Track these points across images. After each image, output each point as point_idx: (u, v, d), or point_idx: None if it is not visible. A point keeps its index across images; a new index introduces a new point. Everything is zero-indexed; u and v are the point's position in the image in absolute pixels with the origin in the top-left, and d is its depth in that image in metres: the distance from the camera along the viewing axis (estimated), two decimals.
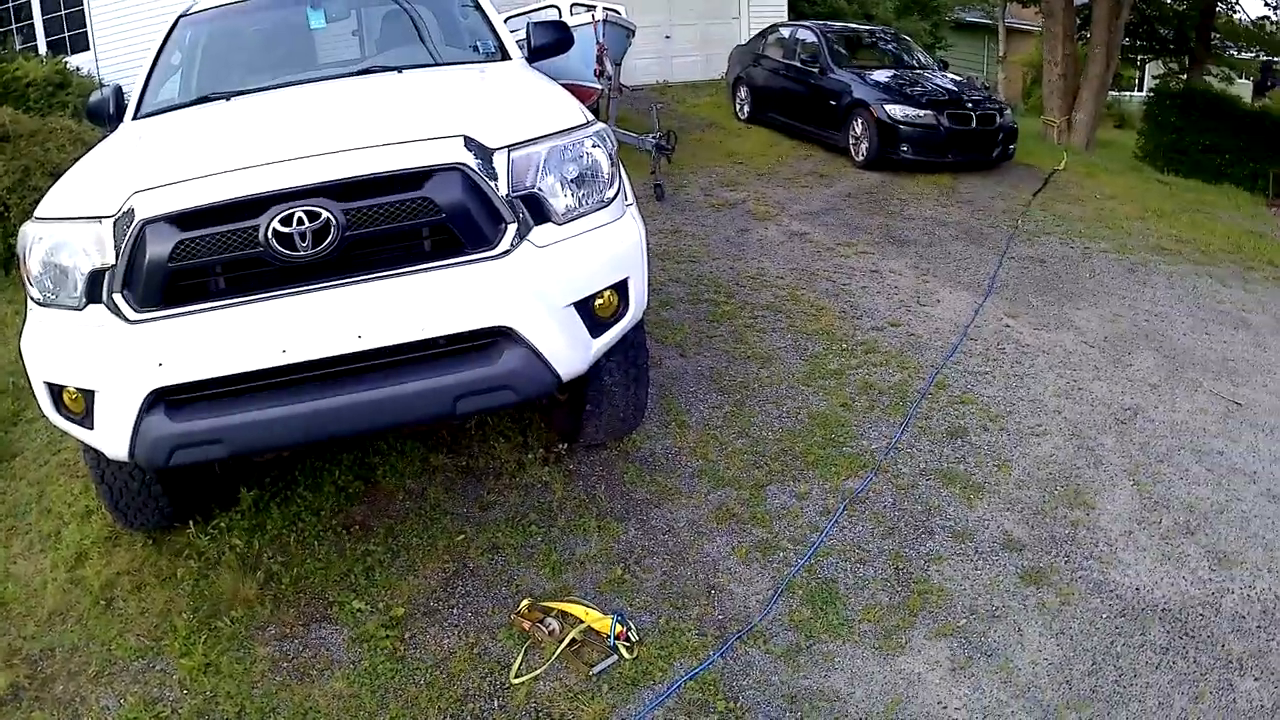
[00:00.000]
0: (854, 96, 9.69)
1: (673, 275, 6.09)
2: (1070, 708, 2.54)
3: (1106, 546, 3.25)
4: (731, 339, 5.00)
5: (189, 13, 4.39)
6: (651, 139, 8.39)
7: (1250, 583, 3.07)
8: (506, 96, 3.32)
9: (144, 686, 2.73)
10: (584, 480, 3.62)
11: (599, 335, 2.89)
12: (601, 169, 2.90)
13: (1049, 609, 2.93)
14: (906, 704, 2.56)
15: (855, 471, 3.70)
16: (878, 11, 19.77)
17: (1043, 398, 4.37)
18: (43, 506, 3.70)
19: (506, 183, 2.69)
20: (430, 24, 4.39)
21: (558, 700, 2.57)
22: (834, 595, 2.99)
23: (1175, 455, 3.86)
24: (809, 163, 9.88)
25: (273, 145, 2.67)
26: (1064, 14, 14.30)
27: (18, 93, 9.01)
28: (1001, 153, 9.69)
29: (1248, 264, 6.83)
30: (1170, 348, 5.04)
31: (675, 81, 15.50)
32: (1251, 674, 2.67)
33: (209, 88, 3.74)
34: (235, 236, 2.49)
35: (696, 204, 8.14)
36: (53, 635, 2.98)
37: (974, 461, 3.79)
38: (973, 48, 27.22)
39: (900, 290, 5.90)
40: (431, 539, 3.27)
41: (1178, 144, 15.03)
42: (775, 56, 11.53)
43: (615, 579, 3.06)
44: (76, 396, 2.63)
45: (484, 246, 2.65)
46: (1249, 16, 20.16)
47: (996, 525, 3.36)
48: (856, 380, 4.52)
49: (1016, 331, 5.22)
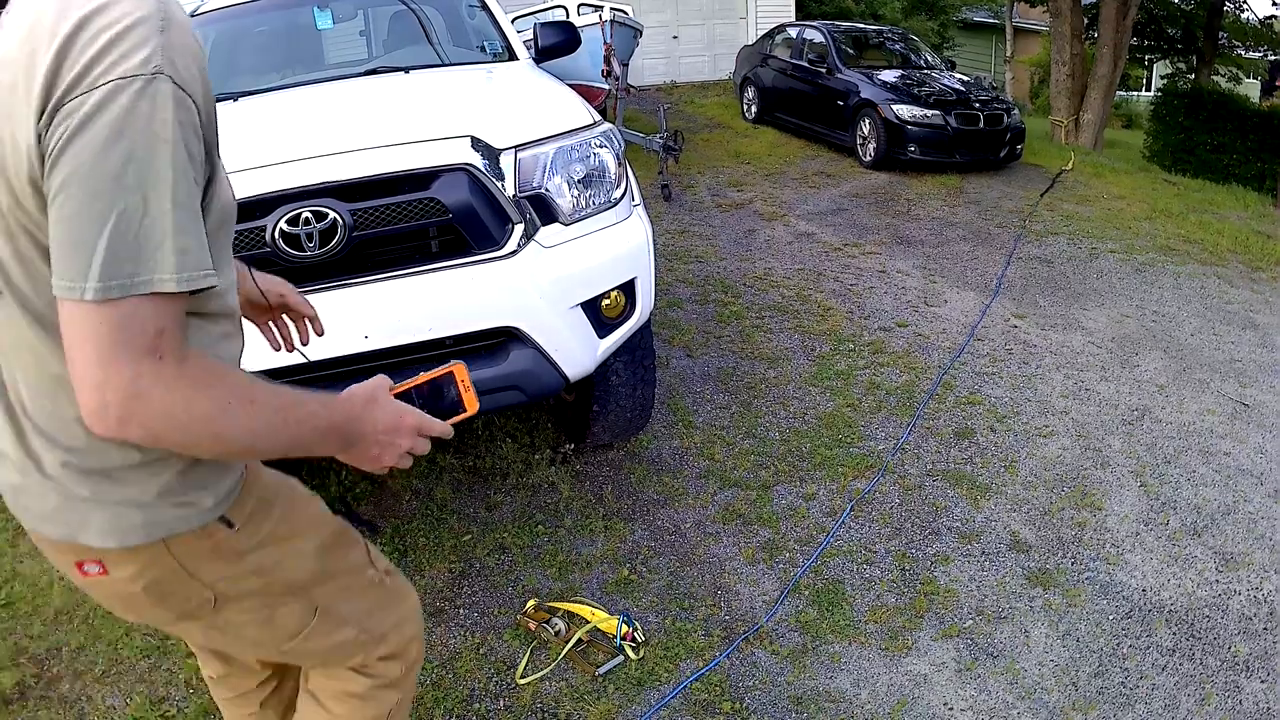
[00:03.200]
0: (861, 96, 9.70)
1: (680, 275, 6.09)
2: (1076, 709, 2.54)
3: (1113, 548, 3.24)
4: (739, 339, 5.00)
5: (195, 13, 4.39)
6: (659, 139, 8.39)
7: (1257, 584, 3.06)
8: (513, 97, 3.33)
9: (150, 686, 2.74)
10: (591, 481, 3.62)
11: (606, 335, 2.89)
12: (608, 169, 2.90)
13: (1055, 610, 2.93)
14: (912, 705, 2.55)
15: (862, 472, 3.70)
16: (885, 11, 19.78)
17: (1050, 398, 4.36)
18: None
19: (513, 183, 2.69)
20: (437, 24, 4.39)
21: (563, 700, 2.57)
22: (840, 596, 2.99)
23: (1182, 456, 3.85)
24: (816, 163, 9.88)
25: (280, 145, 2.68)
26: (1071, 14, 14.27)
27: None
28: (1009, 153, 9.69)
29: (1255, 264, 6.81)
30: (1177, 348, 5.03)
31: (682, 82, 15.53)
32: (1258, 676, 2.66)
33: (216, 88, 3.71)
34: (242, 236, 2.49)
35: (704, 204, 8.14)
36: (59, 634, 2.99)
37: (981, 462, 3.79)
38: (980, 48, 27.20)
39: (907, 291, 5.90)
40: (438, 539, 3.27)
41: (1185, 144, 14.98)
42: (783, 56, 11.53)
43: (622, 579, 3.06)
44: None
45: (491, 247, 2.65)
46: (1257, 16, 20.14)
47: (1003, 526, 3.36)
48: (864, 381, 4.52)
49: (1024, 332, 5.21)
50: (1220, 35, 18.98)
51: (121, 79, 0.97)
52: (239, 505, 1.33)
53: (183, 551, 1.28)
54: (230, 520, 1.31)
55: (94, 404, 1.01)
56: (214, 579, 1.34)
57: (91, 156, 0.97)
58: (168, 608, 1.35)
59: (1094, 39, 14.95)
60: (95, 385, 1.00)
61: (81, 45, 0.98)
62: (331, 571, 1.50)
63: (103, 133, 0.97)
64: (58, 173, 0.98)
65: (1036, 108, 23.63)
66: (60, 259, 0.99)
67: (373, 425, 1.29)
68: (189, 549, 1.29)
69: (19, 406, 1.20)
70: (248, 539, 1.35)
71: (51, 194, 0.99)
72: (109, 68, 0.97)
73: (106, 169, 0.97)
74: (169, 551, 1.27)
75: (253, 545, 1.36)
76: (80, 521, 1.22)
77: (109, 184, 0.97)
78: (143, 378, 1.01)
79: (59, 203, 0.98)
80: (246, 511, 1.34)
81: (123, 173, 0.97)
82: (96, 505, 1.21)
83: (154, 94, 0.99)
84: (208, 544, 1.30)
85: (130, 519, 1.22)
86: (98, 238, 0.97)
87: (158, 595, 1.32)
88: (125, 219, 0.98)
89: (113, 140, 0.97)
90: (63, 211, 0.98)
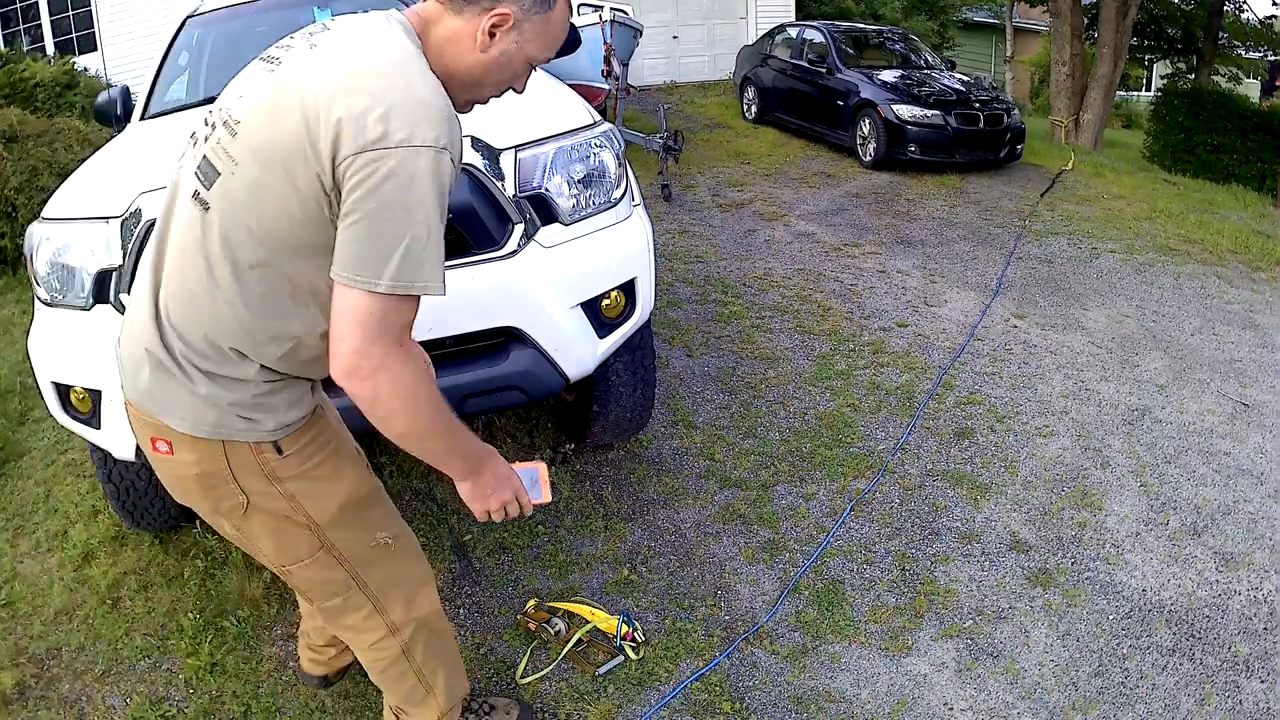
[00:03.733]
0: (862, 96, 9.69)
1: (680, 275, 6.09)
2: (1076, 709, 2.54)
3: (1113, 548, 3.24)
4: (739, 339, 5.00)
5: (196, 13, 4.40)
6: (659, 139, 8.39)
7: (1257, 584, 3.06)
8: (513, 97, 3.32)
9: (150, 686, 2.74)
10: (591, 481, 3.62)
11: (606, 335, 2.89)
12: (609, 169, 2.89)
13: (1055, 610, 2.93)
14: (912, 705, 2.55)
15: (862, 472, 3.70)
16: (885, 11, 19.77)
17: (1050, 398, 4.36)
18: (50, 506, 3.71)
19: (513, 183, 2.69)
20: None
21: (563, 701, 2.57)
22: (840, 596, 2.99)
23: (1182, 456, 3.85)
24: (816, 163, 9.88)
25: None
26: (1071, 14, 14.26)
27: (25, 93, 9.04)
28: (1009, 153, 9.68)
29: (1255, 264, 6.81)
30: (1177, 349, 5.03)
31: (683, 82, 15.53)
32: (1258, 676, 2.66)
33: (217, 88, 3.71)
34: None
35: (704, 204, 8.14)
36: (59, 634, 2.99)
37: (981, 462, 3.78)
38: (980, 48, 27.18)
39: (908, 291, 5.90)
40: (438, 539, 3.27)
41: (1185, 144, 14.96)
42: (783, 56, 11.53)
43: (622, 580, 3.06)
44: (83, 396, 2.64)
45: (491, 247, 2.65)
46: (1257, 16, 20.12)
47: (1003, 526, 3.36)
48: (864, 381, 4.52)
49: (1024, 332, 5.21)
50: (1220, 35, 18.94)
51: (421, 146, 1.40)
52: (294, 437, 1.67)
53: (235, 457, 1.63)
54: (280, 448, 1.66)
55: (349, 363, 1.43)
56: (251, 489, 1.67)
57: (394, 198, 1.39)
58: (208, 500, 1.69)
59: (1094, 39, 14.94)
60: (356, 351, 1.42)
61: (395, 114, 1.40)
62: (347, 522, 1.79)
63: (406, 181, 1.39)
64: (362, 201, 1.39)
65: (1036, 108, 23.62)
66: (354, 259, 1.41)
67: (493, 470, 1.72)
68: (240, 457, 1.63)
69: (164, 307, 1.59)
70: (290, 468, 1.68)
71: (350, 211, 1.41)
72: (410, 135, 1.40)
73: (406, 205, 1.40)
74: (224, 452, 1.62)
75: (291, 474, 1.69)
76: (171, 404, 1.59)
77: (405, 217, 1.40)
78: (390, 356, 1.44)
79: (361, 222, 1.40)
80: (298, 445, 1.68)
81: (416, 211, 1.41)
82: (188, 396, 1.58)
83: (439, 161, 1.42)
84: (255, 459, 1.64)
85: (206, 415, 1.59)
86: (393, 252, 1.40)
87: (204, 486, 1.67)
88: (415, 242, 1.41)
89: (409, 187, 1.40)
90: (364, 229, 1.40)
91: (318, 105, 1.42)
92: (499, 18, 1.55)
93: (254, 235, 1.50)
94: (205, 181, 1.55)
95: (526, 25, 1.59)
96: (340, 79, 1.44)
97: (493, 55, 1.59)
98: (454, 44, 1.57)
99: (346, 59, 1.48)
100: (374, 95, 1.41)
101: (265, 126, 1.47)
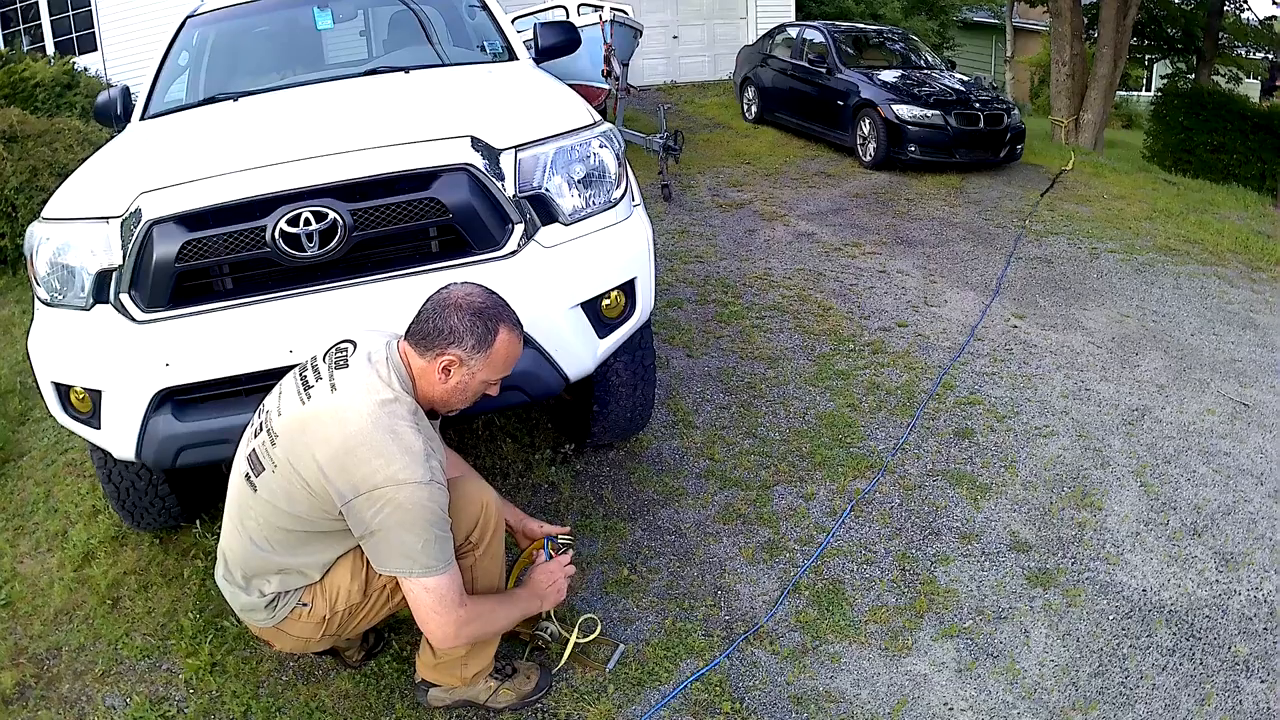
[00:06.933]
0: (862, 96, 9.69)
1: (680, 275, 6.09)
2: (1076, 709, 2.54)
3: (1113, 548, 3.24)
4: (739, 339, 5.00)
5: (196, 13, 4.39)
6: (659, 139, 8.39)
7: (1257, 584, 3.06)
8: (513, 97, 3.32)
9: (150, 686, 2.74)
10: (591, 481, 3.62)
11: (606, 336, 2.89)
12: (608, 169, 2.89)
13: (1055, 610, 2.93)
14: (912, 705, 2.55)
15: (862, 472, 3.70)
16: (885, 11, 19.77)
17: (1050, 398, 4.36)
18: (50, 506, 3.71)
19: (513, 183, 2.69)
20: (438, 24, 4.39)
21: (563, 701, 2.57)
22: (840, 596, 2.99)
23: (1182, 456, 3.85)
24: (816, 163, 9.88)
25: (280, 146, 2.67)
26: (1072, 14, 14.26)
27: (25, 93, 9.03)
28: (1009, 153, 9.68)
29: (1255, 264, 6.81)
30: (1178, 348, 5.03)
31: (683, 82, 15.54)
32: (1258, 676, 2.66)
33: (216, 88, 3.75)
34: (242, 237, 2.49)
35: (704, 204, 8.15)
36: (59, 634, 2.99)
37: (981, 462, 3.78)
38: (980, 48, 27.20)
39: (908, 291, 5.90)
40: None
41: (1185, 144, 14.98)
42: (783, 56, 11.52)
43: (622, 579, 3.06)
44: (84, 396, 2.64)
45: (491, 247, 2.65)
46: (1257, 16, 20.13)
47: (1003, 526, 3.36)
48: (864, 381, 4.52)
49: (1024, 332, 5.21)
50: (1220, 35, 18.96)
51: (420, 483, 1.99)
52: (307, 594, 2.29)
53: (288, 624, 2.30)
54: (305, 601, 2.28)
55: (441, 635, 2.12)
56: (299, 630, 2.33)
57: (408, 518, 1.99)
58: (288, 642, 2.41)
59: (1094, 39, 14.93)
60: (440, 626, 2.09)
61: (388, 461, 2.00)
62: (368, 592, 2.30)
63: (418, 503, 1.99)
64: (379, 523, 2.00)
65: (1036, 108, 23.61)
66: (388, 558, 2.05)
67: (550, 581, 2.48)
68: (291, 621, 2.30)
69: (228, 553, 2.27)
70: (317, 610, 2.30)
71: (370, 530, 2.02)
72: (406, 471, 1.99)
73: (420, 520, 2.00)
74: (281, 629, 2.32)
75: (320, 607, 2.30)
76: (251, 612, 2.29)
77: (423, 525, 2.00)
78: (461, 619, 2.10)
79: (381, 537, 2.02)
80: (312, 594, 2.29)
81: (431, 522, 2.02)
82: (256, 607, 2.26)
83: (436, 488, 2.03)
84: (297, 619, 2.30)
85: (261, 617, 2.29)
86: (419, 551, 2.02)
87: (281, 639, 2.38)
88: (432, 542, 2.03)
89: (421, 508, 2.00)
90: (387, 539, 2.01)
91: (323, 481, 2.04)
92: (448, 361, 2.11)
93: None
94: (254, 470, 2.15)
95: (473, 361, 2.13)
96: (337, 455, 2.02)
97: (451, 385, 2.15)
98: (423, 378, 2.15)
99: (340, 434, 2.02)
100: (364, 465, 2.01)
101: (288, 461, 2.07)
